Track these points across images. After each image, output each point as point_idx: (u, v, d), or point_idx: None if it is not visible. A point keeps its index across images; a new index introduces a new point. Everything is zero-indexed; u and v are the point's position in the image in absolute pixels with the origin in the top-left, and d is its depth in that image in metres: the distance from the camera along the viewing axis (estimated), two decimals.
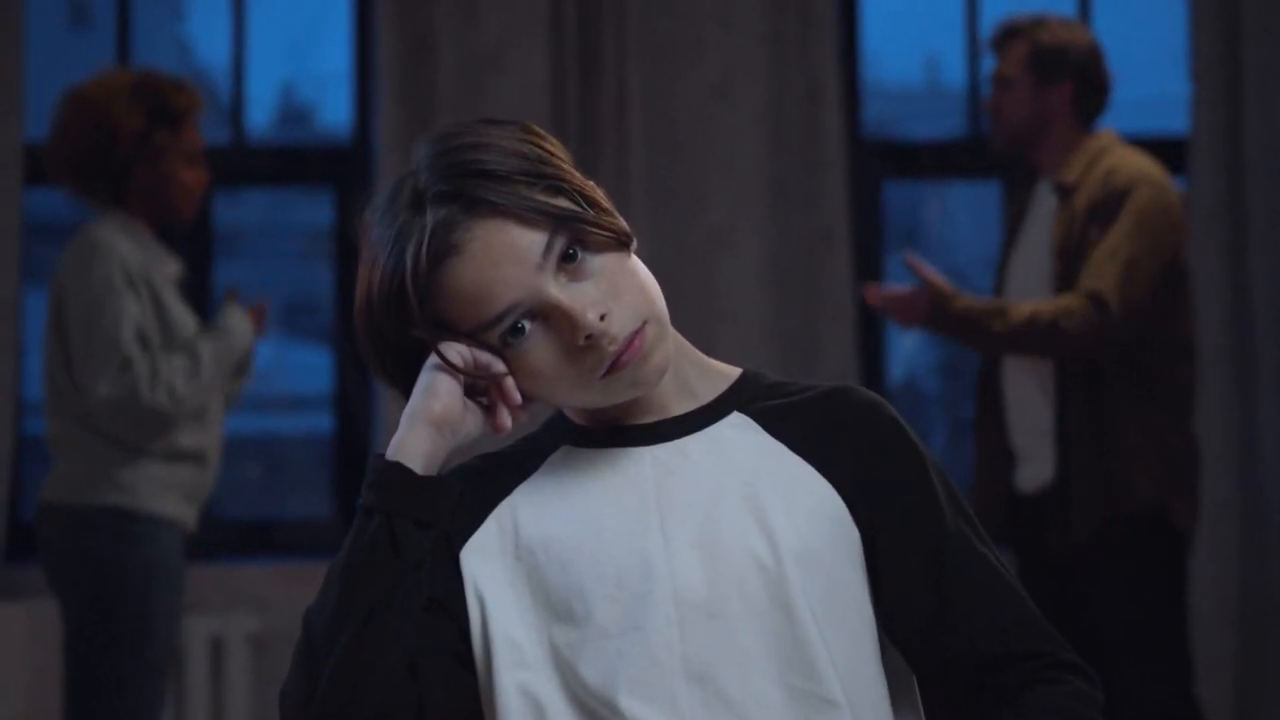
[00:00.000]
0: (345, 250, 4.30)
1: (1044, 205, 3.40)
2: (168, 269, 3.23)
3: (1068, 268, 3.25)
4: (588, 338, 1.38)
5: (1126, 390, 3.23)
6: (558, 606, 1.41)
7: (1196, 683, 3.34)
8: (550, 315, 1.39)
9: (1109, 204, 3.23)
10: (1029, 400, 3.34)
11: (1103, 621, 3.21)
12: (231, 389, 3.31)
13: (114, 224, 3.19)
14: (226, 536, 4.07)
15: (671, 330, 1.45)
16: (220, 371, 3.17)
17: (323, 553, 4.13)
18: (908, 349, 5.34)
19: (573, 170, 1.44)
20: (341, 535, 1.42)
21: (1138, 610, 3.22)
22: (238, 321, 3.24)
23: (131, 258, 3.13)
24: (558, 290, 1.39)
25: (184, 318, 3.20)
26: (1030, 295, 3.32)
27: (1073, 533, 3.22)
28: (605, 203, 1.44)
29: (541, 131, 1.45)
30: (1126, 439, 3.21)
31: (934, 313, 3.23)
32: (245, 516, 4.42)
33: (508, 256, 1.38)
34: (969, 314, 3.22)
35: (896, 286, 3.36)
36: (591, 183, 1.45)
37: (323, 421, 4.49)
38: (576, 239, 1.40)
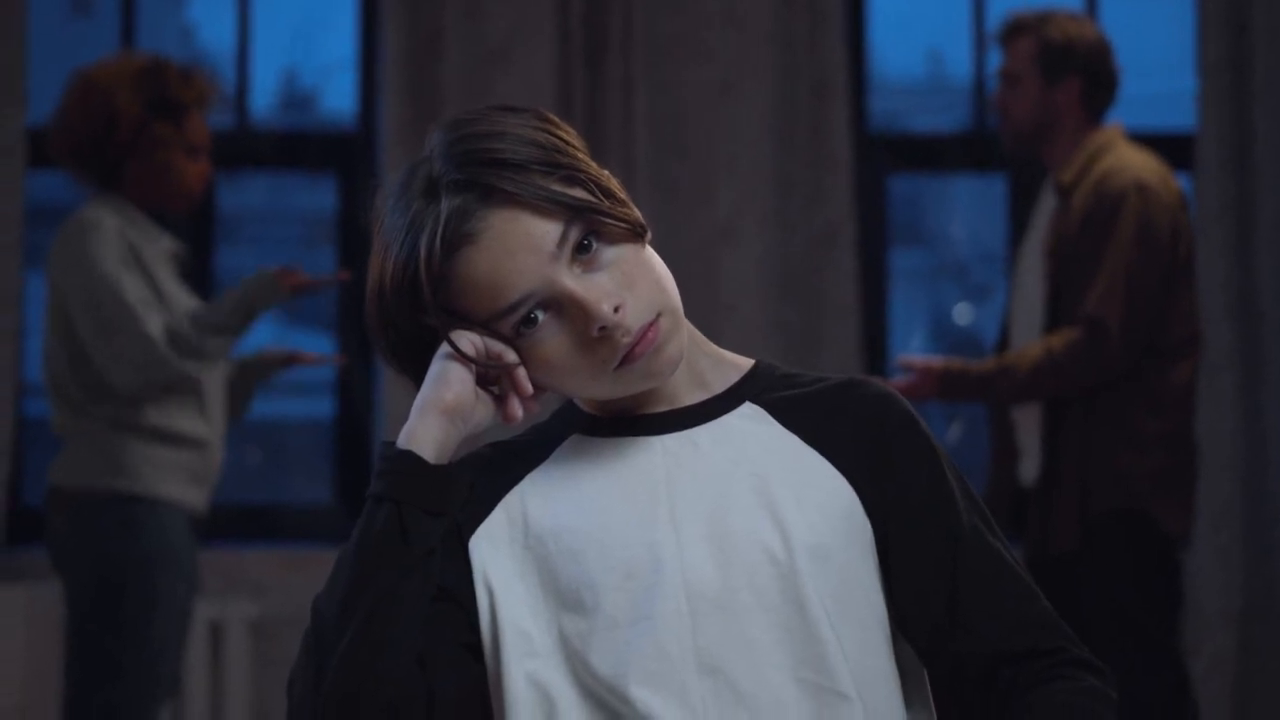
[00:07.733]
0: (347, 236, 4.29)
1: (1047, 203, 3.38)
2: (159, 246, 3.18)
3: (1058, 269, 3.24)
4: (601, 329, 1.37)
5: (1115, 392, 3.20)
6: (567, 596, 1.41)
7: (1193, 684, 3.31)
8: (564, 306, 1.38)
9: (1101, 213, 3.19)
10: None
11: (1091, 620, 3.18)
12: (248, 388, 3.30)
13: (104, 206, 3.13)
14: (226, 521, 4.05)
15: (685, 322, 1.44)
16: (231, 319, 3.05)
17: (323, 538, 4.12)
18: (913, 348, 5.32)
19: (588, 160, 1.42)
20: (341, 521, 1.42)
21: (1125, 612, 3.20)
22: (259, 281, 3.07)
23: (120, 236, 3.08)
24: (572, 281, 1.38)
25: (179, 295, 3.14)
26: (1031, 295, 3.30)
27: (1052, 536, 3.20)
28: (621, 193, 1.43)
29: (557, 120, 1.44)
30: (1107, 441, 3.19)
31: (943, 392, 3.22)
32: (245, 501, 4.41)
33: (522, 246, 1.37)
34: (976, 383, 3.20)
35: (907, 372, 3.29)
36: (607, 173, 1.44)
37: (324, 407, 4.49)
38: (592, 230, 1.39)
